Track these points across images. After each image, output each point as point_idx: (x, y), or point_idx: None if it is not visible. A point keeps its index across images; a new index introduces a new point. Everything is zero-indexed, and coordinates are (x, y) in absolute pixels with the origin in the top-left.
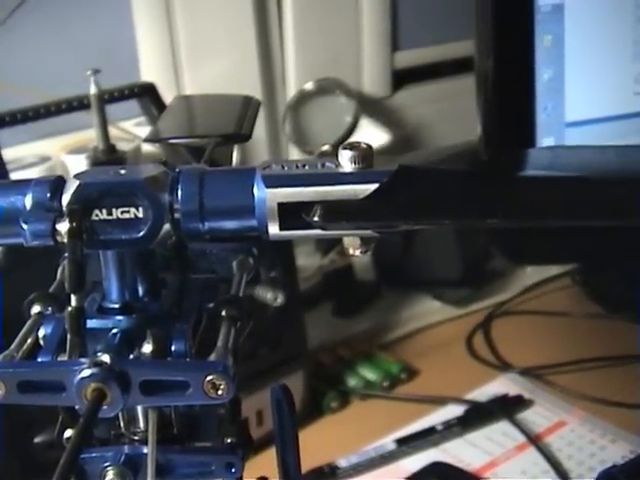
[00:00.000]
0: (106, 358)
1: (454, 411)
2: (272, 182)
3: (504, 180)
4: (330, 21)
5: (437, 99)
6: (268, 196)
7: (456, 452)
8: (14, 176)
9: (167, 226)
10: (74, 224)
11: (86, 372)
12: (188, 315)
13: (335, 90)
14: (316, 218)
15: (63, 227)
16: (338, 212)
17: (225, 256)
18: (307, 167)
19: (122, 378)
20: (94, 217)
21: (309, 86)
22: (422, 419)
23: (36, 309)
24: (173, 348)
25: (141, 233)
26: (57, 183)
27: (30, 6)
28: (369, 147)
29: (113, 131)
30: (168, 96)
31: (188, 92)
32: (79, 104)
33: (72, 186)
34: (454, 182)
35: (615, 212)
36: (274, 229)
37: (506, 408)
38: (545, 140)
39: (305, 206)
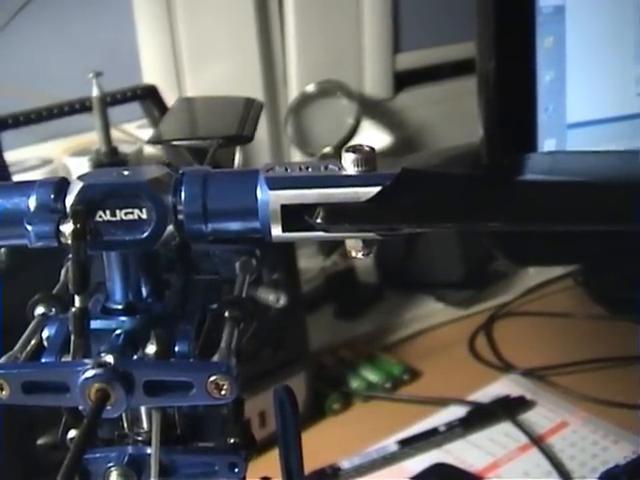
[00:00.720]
0: (110, 359)
1: (456, 412)
2: (275, 184)
3: (506, 184)
4: (331, 23)
5: (438, 101)
6: (271, 198)
7: (459, 453)
8: (16, 179)
9: (171, 227)
10: (78, 225)
11: (90, 373)
12: (192, 316)
13: (337, 92)
14: (319, 220)
15: (67, 228)
16: (341, 214)
17: (228, 257)
18: (310, 169)
19: (126, 379)
20: (98, 218)
21: (311, 88)
22: (424, 420)
23: (40, 310)
24: (177, 349)
25: (145, 234)
26: (61, 184)
27: (32, 9)
28: (372, 150)
29: (115, 133)
30: (170, 98)
31: (190, 94)
32: (81, 106)
33: (76, 187)
34: (456, 186)
35: (616, 217)
36: (277, 231)
37: (508, 409)
38: (547, 141)
39: (308, 208)
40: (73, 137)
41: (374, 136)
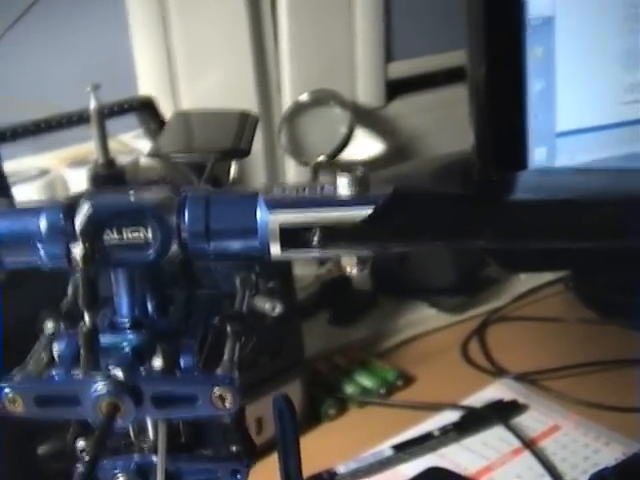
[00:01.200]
0: (120, 374)
1: (450, 417)
2: (274, 206)
3: (494, 203)
4: (324, 33)
5: (431, 108)
6: (270, 219)
7: (453, 457)
8: (15, 190)
9: (175, 247)
10: (87, 246)
11: (101, 388)
12: (195, 330)
13: (330, 101)
14: (315, 240)
15: (76, 249)
16: (336, 235)
17: (228, 272)
18: (307, 191)
19: (135, 392)
20: (105, 238)
21: (304, 97)
22: (419, 425)
23: (49, 325)
24: (182, 363)
25: (150, 253)
26: (69, 206)
27: (27, 21)
28: (366, 172)
29: (111, 144)
30: (165, 106)
31: (185, 104)
32: (79, 118)
33: (84, 209)
34: (446, 205)
35: (601, 234)
36: (275, 250)
37: (501, 413)
38: (537, 150)
39: (305, 229)
40: (70, 148)
41: (367, 144)
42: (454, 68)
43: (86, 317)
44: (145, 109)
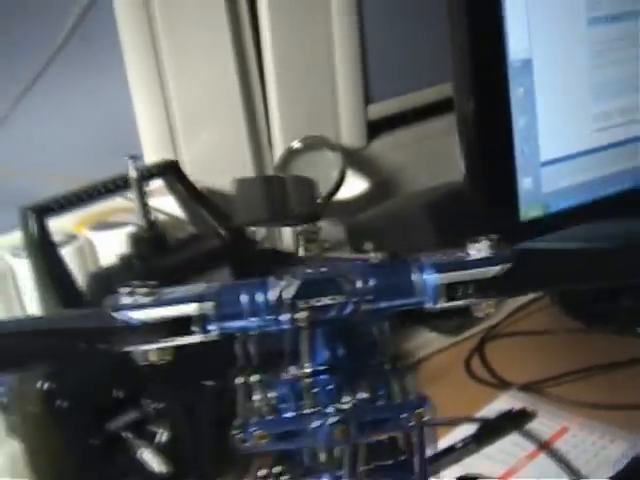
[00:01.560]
0: (347, 406)
1: (467, 430)
2: (440, 268)
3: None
4: (308, 85)
5: (408, 144)
6: (438, 279)
7: (476, 466)
8: None
9: (363, 306)
10: (304, 314)
11: (332, 419)
12: (375, 367)
13: (320, 146)
14: (471, 293)
15: (300, 315)
16: (486, 287)
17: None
18: (457, 256)
19: (359, 420)
20: (311, 305)
21: (296, 144)
22: (440, 440)
23: (251, 379)
24: (380, 392)
25: (344, 313)
26: (278, 282)
27: (33, 94)
28: (499, 238)
29: (125, 203)
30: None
31: (185, 158)
32: (116, 186)
33: (292, 284)
34: (550, 257)
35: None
36: (441, 303)
37: (514, 421)
38: (524, 180)
39: (462, 283)
40: (84, 209)
41: (353, 184)
42: (427, 105)
43: (306, 369)
44: (171, 172)
